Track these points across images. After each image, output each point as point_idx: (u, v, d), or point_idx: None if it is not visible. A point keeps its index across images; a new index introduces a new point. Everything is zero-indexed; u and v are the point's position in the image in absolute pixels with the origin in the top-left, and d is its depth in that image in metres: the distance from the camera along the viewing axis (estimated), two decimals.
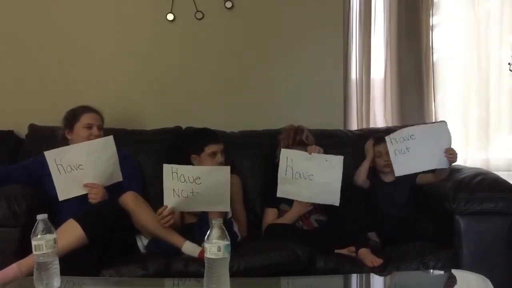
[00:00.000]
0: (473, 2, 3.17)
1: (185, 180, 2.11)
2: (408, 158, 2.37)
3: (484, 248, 2.12)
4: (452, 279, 1.90)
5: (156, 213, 2.15)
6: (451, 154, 2.38)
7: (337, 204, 2.30)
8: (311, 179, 2.34)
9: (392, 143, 2.39)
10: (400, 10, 3.13)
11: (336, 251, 2.23)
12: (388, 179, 2.57)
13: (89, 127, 2.41)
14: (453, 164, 2.43)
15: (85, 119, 2.42)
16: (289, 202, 2.49)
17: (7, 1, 3.02)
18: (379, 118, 3.23)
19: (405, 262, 2.10)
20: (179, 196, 2.12)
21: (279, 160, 2.53)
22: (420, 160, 2.38)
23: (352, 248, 2.20)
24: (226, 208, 2.18)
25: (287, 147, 2.51)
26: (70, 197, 2.24)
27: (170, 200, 2.12)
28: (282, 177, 2.37)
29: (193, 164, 2.46)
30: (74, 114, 2.44)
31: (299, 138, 2.53)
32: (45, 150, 2.23)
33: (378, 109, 3.24)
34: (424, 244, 2.22)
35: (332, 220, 2.42)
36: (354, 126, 3.17)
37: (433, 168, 2.40)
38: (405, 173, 2.39)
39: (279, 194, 2.38)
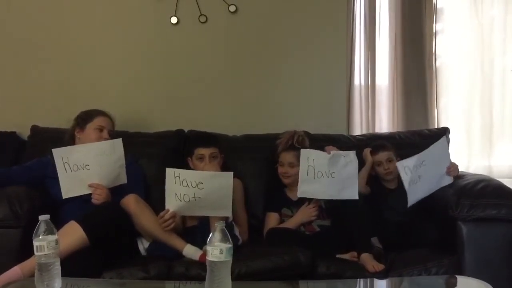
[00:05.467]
0: (476, 9, 3.17)
1: (187, 184, 2.10)
2: (419, 185, 2.34)
3: (487, 254, 2.11)
4: (454, 285, 1.89)
5: (158, 216, 2.15)
6: (453, 171, 2.39)
7: (357, 197, 2.32)
8: (333, 176, 2.36)
9: (406, 173, 2.31)
10: (404, 17, 3.13)
11: (337, 256, 2.22)
12: (390, 185, 2.57)
13: (101, 129, 2.43)
14: None
15: (98, 121, 2.45)
16: (291, 206, 2.49)
17: (10, 4, 3.04)
18: (382, 124, 3.23)
19: (407, 268, 2.09)
20: (181, 200, 2.11)
21: (277, 164, 2.54)
22: (429, 184, 2.35)
23: (354, 253, 2.19)
24: (228, 213, 2.18)
25: (282, 151, 2.53)
26: (74, 195, 2.24)
27: (172, 204, 2.12)
28: (303, 178, 2.36)
29: (189, 167, 2.46)
30: (88, 114, 2.48)
31: (291, 143, 2.54)
32: (47, 151, 2.23)
33: (381, 114, 3.23)
34: (426, 250, 2.21)
35: (334, 225, 2.41)
36: (357, 131, 3.16)
37: (440, 187, 2.36)
38: (417, 200, 2.34)
39: (299, 194, 2.38)
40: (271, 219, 2.49)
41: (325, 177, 2.36)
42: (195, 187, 2.10)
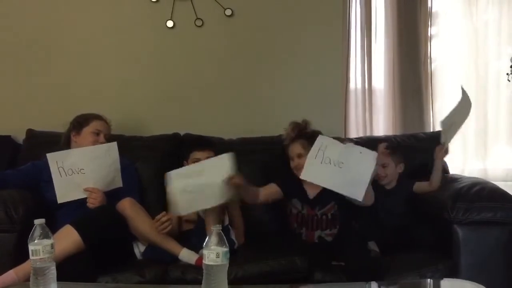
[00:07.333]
0: (471, 13, 3.20)
1: (189, 177, 2.10)
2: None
3: (483, 257, 2.11)
4: None
5: (154, 219, 2.14)
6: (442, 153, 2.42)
7: (360, 199, 2.17)
8: (340, 167, 2.21)
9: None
10: (400, 21, 3.15)
11: (333, 263, 2.20)
12: (387, 186, 2.56)
13: (97, 133, 2.44)
14: (451, 173, 2.43)
15: (95, 125, 2.45)
16: (304, 203, 2.42)
17: (6, 8, 3.03)
18: (378, 127, 3.24)
19: (404, 272, 2.09)
20: (186, 192, 2.09)
21: (288, 153, 2.45)
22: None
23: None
24: (234, 197, 2.15)
25: (288, 145, 2.45)
26: (69, 200, 2.23)
27: (178, 197, 2.10)
28: (311, 160, 2.23)
29: None
30: (85, 118, 2.48)
31: (296, 133, 2.45)
32: (42, 155, 2.23)
33: (377, 118, 3.25)
34: (422, 254, 2.22)
35: (341, 233, 2.37)
36: (353, 134, 3.17)
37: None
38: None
39: (303, 176, 2.25)
40: (271, 188, 2.41)
41: (331, 165, 2.21)
42: (196, 177, 2.09)
